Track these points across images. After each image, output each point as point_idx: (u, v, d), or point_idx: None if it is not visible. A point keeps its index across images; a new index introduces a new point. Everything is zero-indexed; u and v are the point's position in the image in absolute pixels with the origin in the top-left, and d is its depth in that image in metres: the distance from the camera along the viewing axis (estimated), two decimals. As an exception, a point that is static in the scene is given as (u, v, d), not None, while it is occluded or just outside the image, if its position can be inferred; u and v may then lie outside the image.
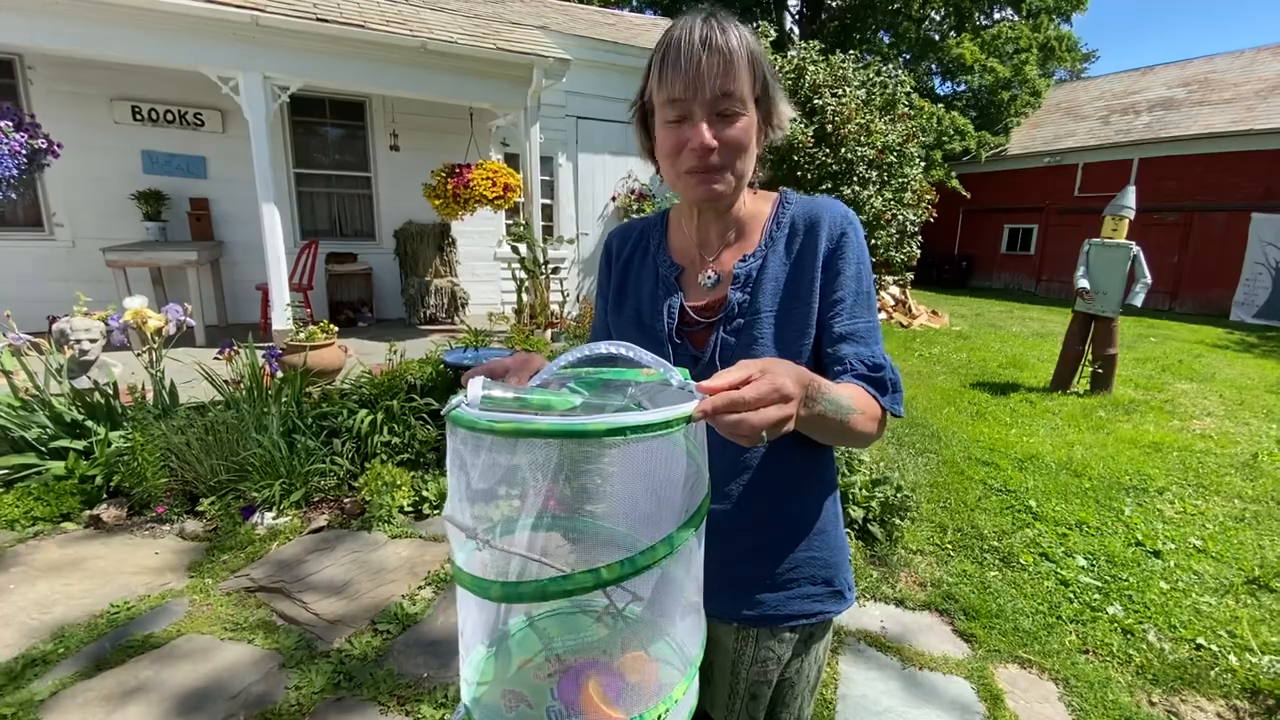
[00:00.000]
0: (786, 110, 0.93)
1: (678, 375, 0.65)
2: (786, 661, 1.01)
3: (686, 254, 1.03)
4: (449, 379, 4.06)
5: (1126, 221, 5.67)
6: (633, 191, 8.54)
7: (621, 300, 1.07)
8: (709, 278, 0.98)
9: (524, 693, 0.69)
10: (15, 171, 4.17)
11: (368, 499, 3.21)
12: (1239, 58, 15.84)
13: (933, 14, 19.17)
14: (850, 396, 0.81)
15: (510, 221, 7.67)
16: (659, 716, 0.64)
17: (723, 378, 0.62)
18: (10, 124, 4.16)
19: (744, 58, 0.83)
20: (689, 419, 0.57)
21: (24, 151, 4.18)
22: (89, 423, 3.38)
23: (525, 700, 0.68)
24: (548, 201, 8.02)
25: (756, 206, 1.00)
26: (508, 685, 0.70)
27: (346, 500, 3.30)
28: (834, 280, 0.92)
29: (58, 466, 3.25)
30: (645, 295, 1.04)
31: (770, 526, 0.97)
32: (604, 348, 0.68)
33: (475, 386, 0.63)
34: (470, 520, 0.64)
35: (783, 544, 0.98)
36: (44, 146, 4.33)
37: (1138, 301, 5.57)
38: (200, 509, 3.14)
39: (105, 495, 3.25)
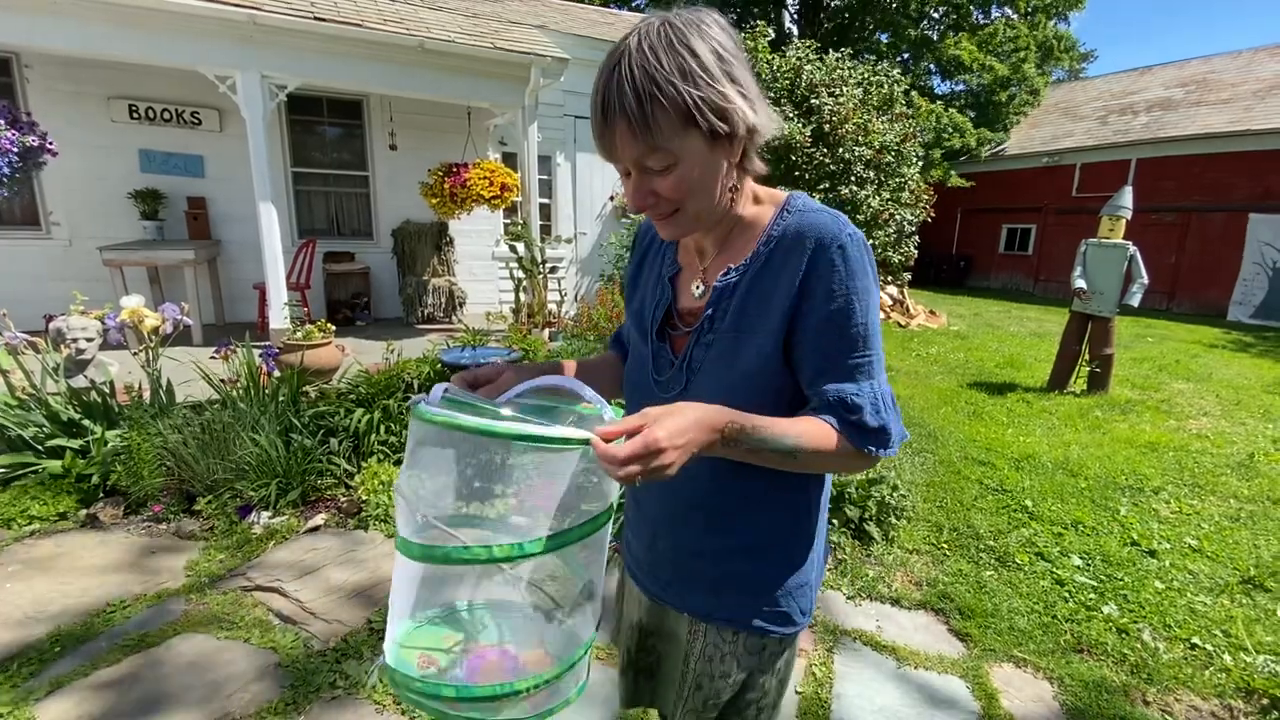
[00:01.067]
0: (749, 111, 0.81)
1: (609, 412, 0.77)
2: (737, 669, 1.00)
3: (689, 255, 1.01)
4: (446, 378, 4.05)
5: (1124, 222, 5.68)
6: (631, 191, 8.53)
7: (633, 291, 1.09)
8: (697, 288, 0.97)
9: (438, 659, 0.81)
10: (7, 170, 4.16)
11: (364, 498, 3.21)
12: (1236, 58, 15.87)
13: (931, 13, 19.18)
14: (801, 434, 0.81)
15: (508, 221, 7.67)
16: (531, 687, 0.77)
17: (620, 424, 0.70)
18: (3, 122, 4.15)
19: (650, 110, 0.74)
20: (582, 443, 0.68)
21: (15, 150, 4.17)
22: (86, 422, 3.38)
23: (436, 665, 0.80)
24: (545, 201, 8.02)
25: (757, 211, 0.93)
26: (426, 651, 0.81)
27: (343, 500, 3.30)
28: (816, 309, 0.84)
29: (54, 465, 3.25)
30: (649, 290, 1.04)
31: (712, 537, 0.98)
32: (553, 381, 0.82)
33: (437, 389, 0.79)
34: (410, 494, 0.78)
35: (729, 550, 0.98)
36: (36, 145, 4.32)
37: (1135, 302, 5.58)
38: (197, 508, 3.13)
39: (102, 494, 3.25)
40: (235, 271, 6.43)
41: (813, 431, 0.82)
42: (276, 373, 3.83)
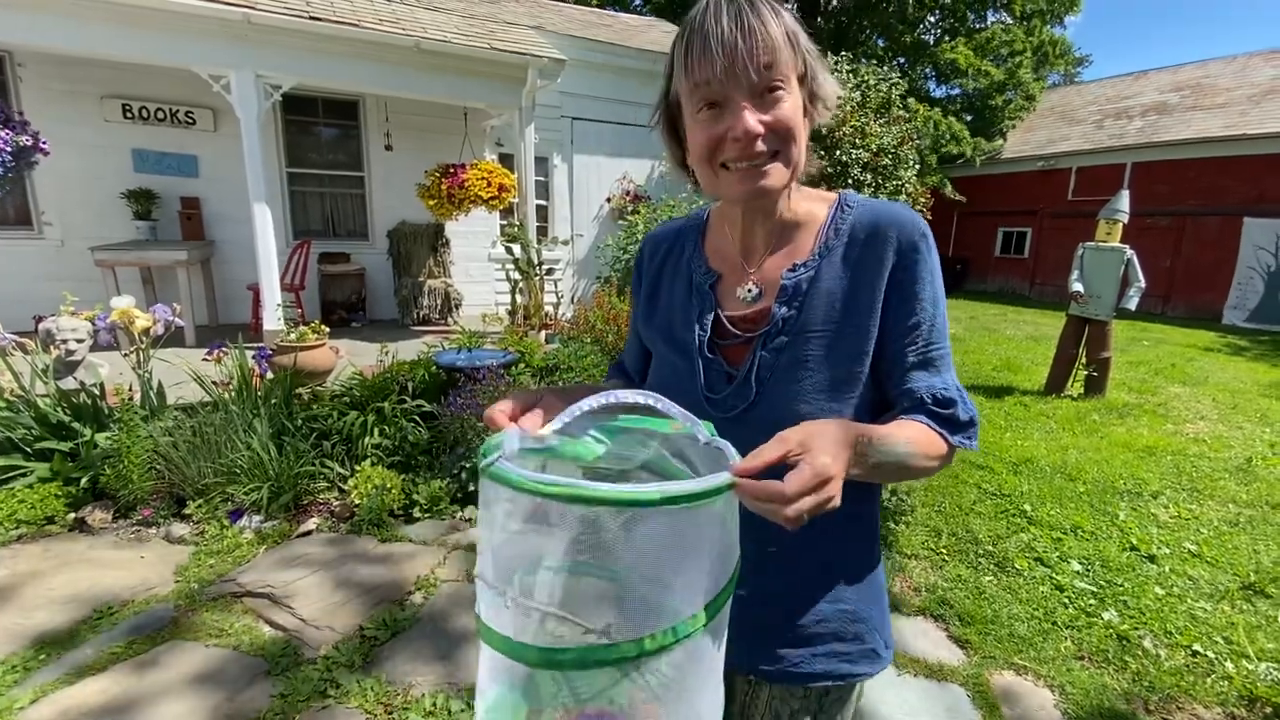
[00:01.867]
0: (833, 88, 0.82)
1: (704, 431, 0.64)
2: None
3: (726, 259, 0.92)
4: (441, 381, 4.02)
5: (1120, 225, 5.68)
6: (628, 193, 8.51)
7: (653, 311, 0.98)
8: (749, 291, 0.88)
9: None
10: (0, 170, 4.12)
11: (357, 502, 3.17)
12: (1231, 63, 15.94)
13: (927, 18, 19.24)
14: (909, 439, 0.75)
15: (505, 222, 7.63)
16: None
17: (759, 457, 0.58)
18: (-4, 121, 4.11)
19: (781, 31, 0.74)
20: (727, 487, 0.56)
21: (8, 149, 4.13)
22: (75, 424, 3.33)
23: None
24: (542, 202, 7.99)
25: (810, 208, 0.88)
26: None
27: (336, 503, 3.26)
28: (907, 302, 0.81)
29: (42, 468, 3.20)
30: (677, 304, 0.94)
31: (796, 571, 0.86)
32: (630, 397, 0.65)
33: (513, 440, 0.63)
34: (494, 576, 0.62)
35: (810, 591, 0.87)
36: (30, 144, 4.28)
37: (1132, 305, 5.58)
38: (187, 512, 3.09)
39: (91, 498, 3.21)
40: (229, 272, 6.38)
41: (918, 436, 0.76)
42: (270, 375, 3.79)
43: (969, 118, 17.59)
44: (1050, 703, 2.17)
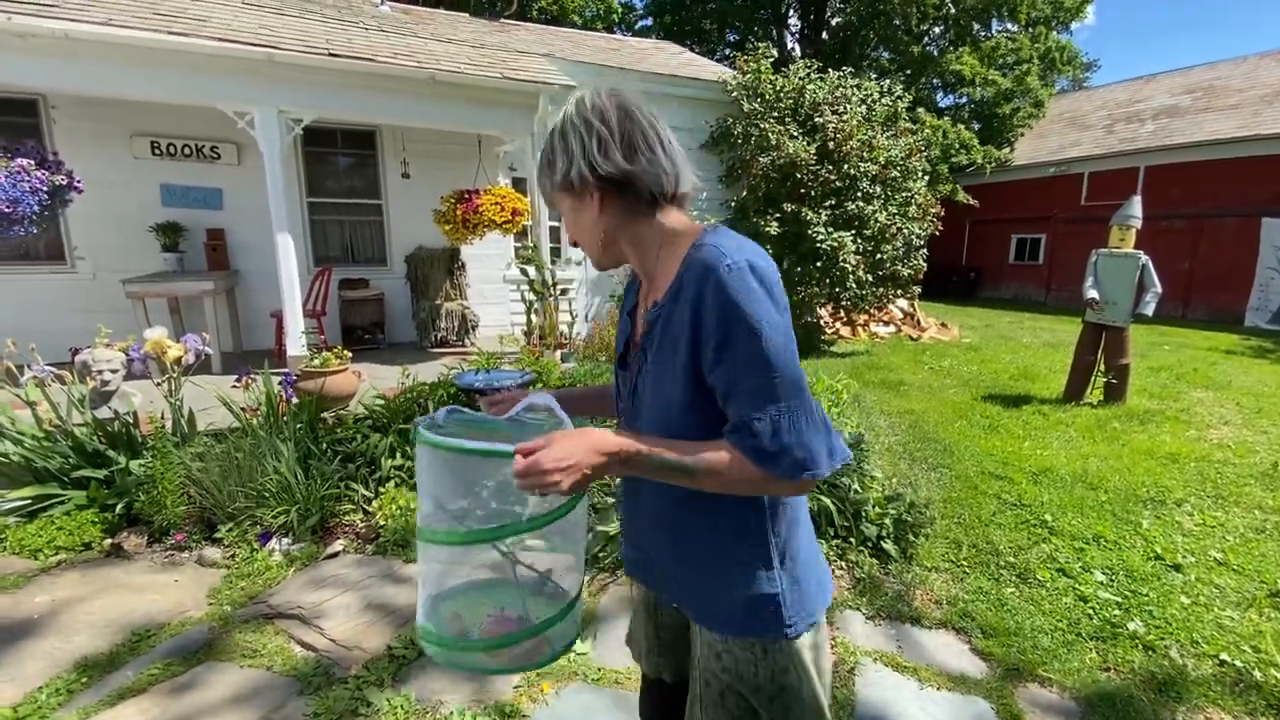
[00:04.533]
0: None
1: (569, 426, 0.98)
2: (736, 666, 1.04)
3: (644, 292, 1.12)
4: (461, 402, 4.10)
5: (1134, 231, 5.67)
6: (639, 212, 8.61)
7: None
8: (642, 322, 1.09)
9: (464, 619, 1.06)
10: (36, 208, 4.29)
11: (382, 524, 3.24)
12: (1242, 64, 15.85)
13: (933, 28, 19.35)
14: (698, 458, 0.91)
15: (519, 244, 7.76)
16: (523, 637, 1.03)
17: (530, 444, 0.87)
18: (32, 162, 4.28)
19: (544, 183, 1.06)
20: (508, 455, 0.87)
21: (45, 189, 4.30)
22: (110, 452, 3.45)
23: (462, 623, 1.05)
24: (555, 224, 8.11)
25: (676, 252, 1.00)
26: (456, 613, 1.06)
27: (361, 525, 3.33)
28: (702, 335, 0.91)
29: (79, 496, 3.31)
30: (620, 325, 1.20)
31: (676, 550, 1.08)
32: (536, 399, 1.07)
33: (440, 413, 1.08)
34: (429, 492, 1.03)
35: (688, 566, 1.07)
36: (65, 183, 4.45)
37: (1149, 311, 5.54)
38: (218, 536, 3.17)
39: (126, 523, 3.30)
40: (253, 300, 6.55)
41: (710, 456, 0.91)
42: (295, 400, 3.88)
43: (977, 126, 17.60)
44: (1076, 715, 2.16)
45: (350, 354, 4.41)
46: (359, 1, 8.30)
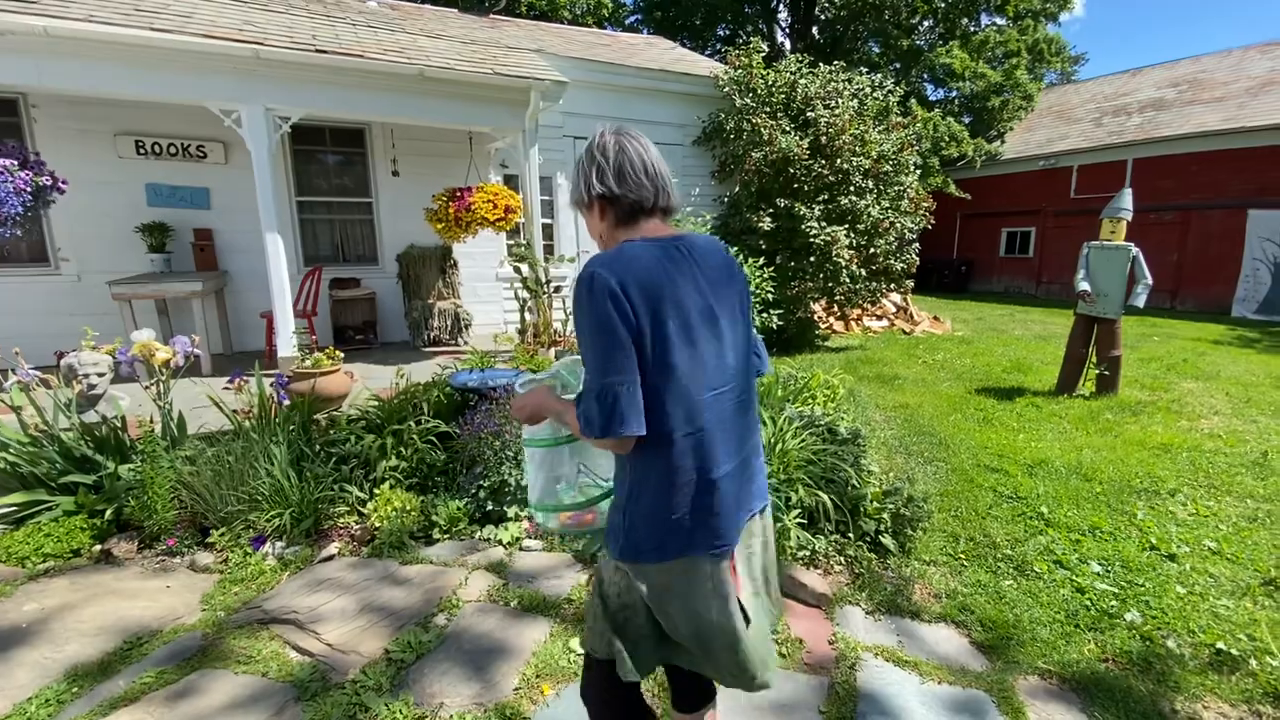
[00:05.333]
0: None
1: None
2: (600, 562, 1.47)
3: None
4: (456, 401, 4.06)
5: (1124, 223, 5.69)
6: (631, 208, 8.58)
7: None
8: None
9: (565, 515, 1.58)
10: (20, 209, 4.21)
11: (377, 525, 3.21)
12: (1227, 56, 15.97)
13: (922, 23, 19.38)
14: (562, 413, 1.34)
15: (511, 242, 7.72)
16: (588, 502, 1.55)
17: (516, 400, 1.49)
18: (14, 162, 4.21)
19: (570, 198, 1.45)
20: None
21: (28, 189, 4.23)
22: (98, 457, 3.39)
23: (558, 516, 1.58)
24: (548, 221, 8.07)
25: None
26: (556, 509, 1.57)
27: (356, 527, 3.30)
28: None
29: (67, 502, 3.26)
30: None
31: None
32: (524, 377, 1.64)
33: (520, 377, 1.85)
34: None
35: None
36: (48, 183, 4.38)
37: (1140, 303, 5.58)
38: (210, 540, 3.13)
39: (115, 529, 3.26)
40: (242, 301, 6.48)
41: (570, 415, 1.27)
42: (287, 402, 3.84)
43: (968, 120, 17.66)
44: (1077, 706, 2.17)
45: (342, 354, 4.37)
46: (346, -3, 8.20)
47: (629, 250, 1.23)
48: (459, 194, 5.79)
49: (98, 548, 3.14)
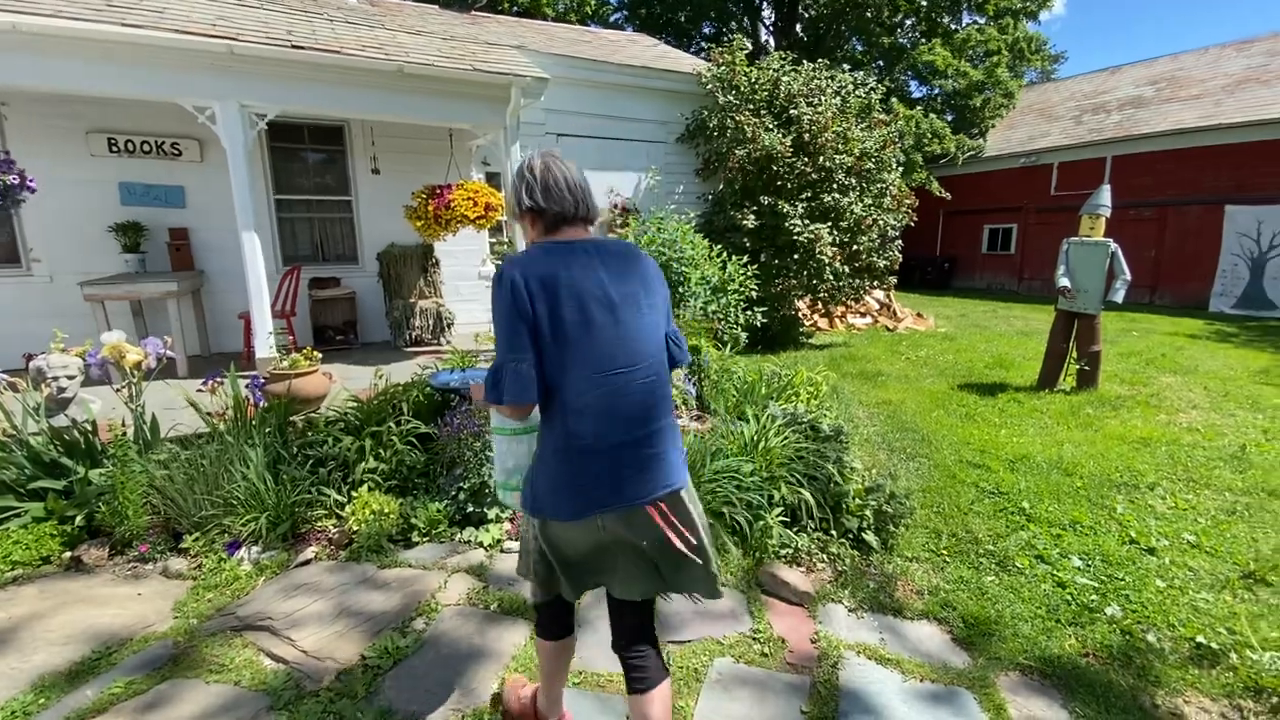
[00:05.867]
0: (527, 197, 1.56)
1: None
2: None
3: None
4: (436, 402, 4.01)
5: (1103, 220, 5.75)
6: (615, 205, 8.55)
7: None
8: None
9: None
10: (-12, 209, 4.11)
11: (355, 529, 3.15)
12: (1204, 55, 16.19)
13: (905, 21, 19.48)
14: (477, 389, 1.72)
15: (494, 240, 7.65)
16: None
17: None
18: (-19, 161, 4.10)
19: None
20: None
21: (-3, 188, 4.12)
22: (68, 461, 3.31)
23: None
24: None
25: None
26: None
27: (334, 531, 3.24)
28: None
29: (36, 508, 3.17)
30: None
31: None
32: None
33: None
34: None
35: None
36: (15, 183, 4.26)
37: (1119, 298, 5.63)
38: (184, 546, 3.06)
39: (87, 535, 3.18)
40: (220, 301, 6.37)
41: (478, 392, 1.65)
42: (264, 403, 3.77)
43: (950, 117, 17.79)
44: (1058, 702, 2.17)
45: (320, 355, 4.30)
46: (324, -7, 8.09)
47: (535, 250, 1.49)
48: (439, 191, 5.72)
49: (68, 555, 3.06)
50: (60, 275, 5.72)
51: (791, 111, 8.22)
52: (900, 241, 8.83)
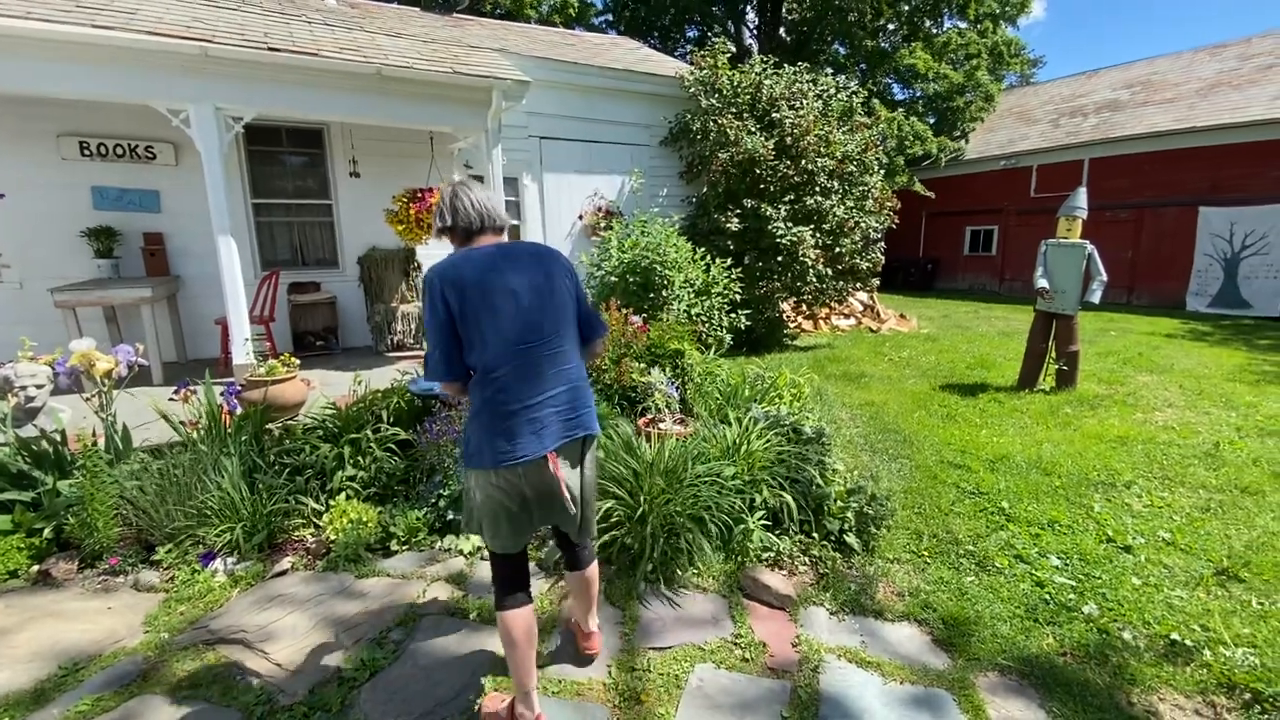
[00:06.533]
0: (439, 218, 1.96)
1: None
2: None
3: None
4: (416, 408, 3.97)
5: (1079, 221, 5.82)
6: (599, 209, 8.54)
7: None
8: None
9: None
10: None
11: (333, 538, 3.11)
12: (1178, 59, 16.49)
13: (886, 25, 19.66)
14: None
15: (477, 244, 7.59)
16: None
17: None
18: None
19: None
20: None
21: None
22: (36, 473, 3.23)
23: None
24: (514, 222, 7.98)
25: None
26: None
27: (311, 540, 3.19)
28: None
29: (3, 521, 3.10)
30: None
31: None
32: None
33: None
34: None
35: None
36: (-17, 187, 4.18)
37: (1095, 299, 5.70)
38: (156, 558, 3.01)
39: (55, 548, 3.11)
40: (196, 307, 6.26)
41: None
42: (239, 411, 3.71)
43: (932, 119, 17.98)
44: (1035, 702, 2.18)
45: (299, 361, 4.24)
46: (303, -5, 8.01)
47: (452, 257, 1.84)
48: (420, 195, 5.68)
49: (35, 568, 2.99)
50: (31, 281, 5.60)
51: (774, 115, 8.25)
52: (883, 243, 8.89)
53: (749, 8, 23.19)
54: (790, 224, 7.86)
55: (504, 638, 1.93)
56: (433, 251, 7.06)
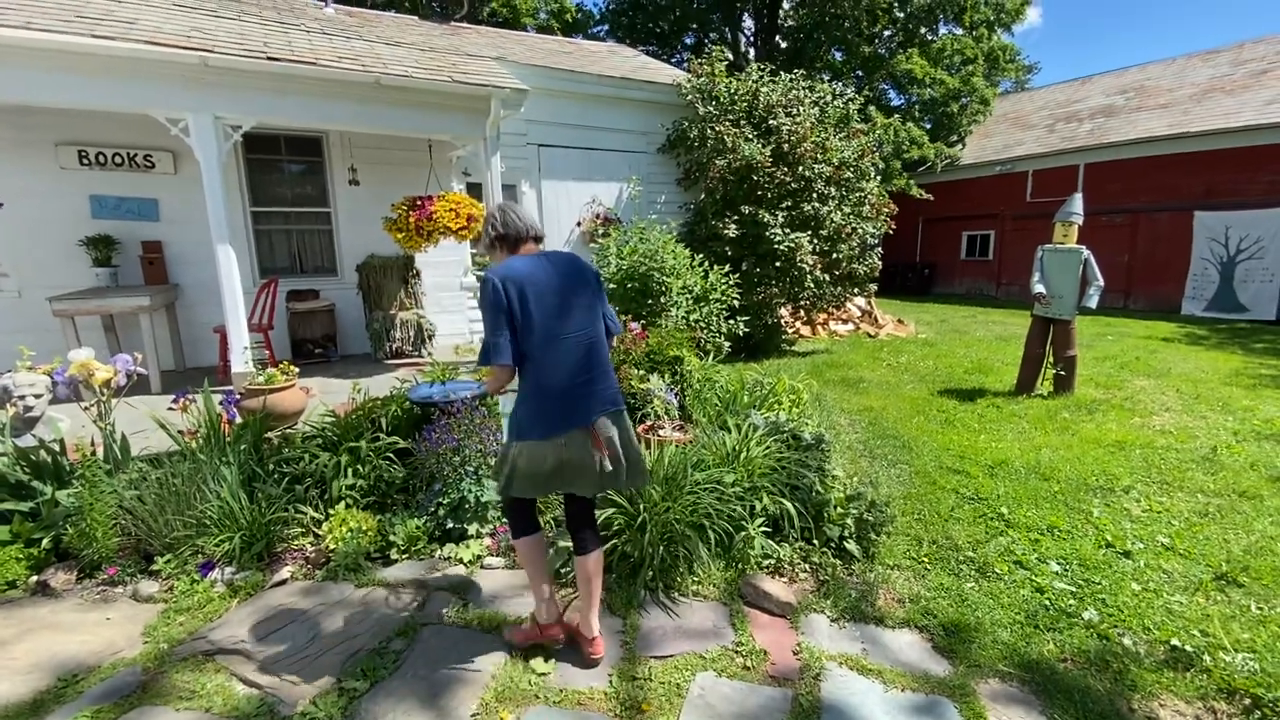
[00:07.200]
0: (492, 230, 2.29)
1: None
2: None
3: None
4: (415, 415, 3.97)
5: (1075, 227, 5.85)
6: (598, 216, 8.56)
7: None
8: None
9: None
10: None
11: (332, 547, 3.10)
12: (1171, 65, 16.60)
13: (883, 31, 19.78)
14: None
15: (475, 251, 7.61)
16: None
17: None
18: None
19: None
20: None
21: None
22: (35, 483, 3.23)
23: None
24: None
25: None
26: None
27: (310, 549, 3.19)
28: None
29: (2, 531, 3.09)
30: None
31: None
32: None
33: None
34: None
35: None
36: (-18, 196, 4.18)
37: (1092, 304, 5.73)
38: (155, 568, 3.00)
39: (54, 558, 3.10)
40: (195, 315, 6.26)
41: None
42: (238, 419, 3.71)
43: (929, 124, 18.07)
44: (1037, 709, 2.18)
45: (298, 369, 4.24)
46: (302, 4, 8.05)
47: (508, 261, 2.20)
48: (419, 203, 5.69)
49: (34, 579, 2.98)
50: (29, 290, 5.60)
51: (771, 122, 8.29)
52: (880, 249, 8.92)
53: (746, 15, 23.31)
54: (788, 230, 7.88)
55: (521, 559, 2.43)
56: (432, 259, 7.08)
